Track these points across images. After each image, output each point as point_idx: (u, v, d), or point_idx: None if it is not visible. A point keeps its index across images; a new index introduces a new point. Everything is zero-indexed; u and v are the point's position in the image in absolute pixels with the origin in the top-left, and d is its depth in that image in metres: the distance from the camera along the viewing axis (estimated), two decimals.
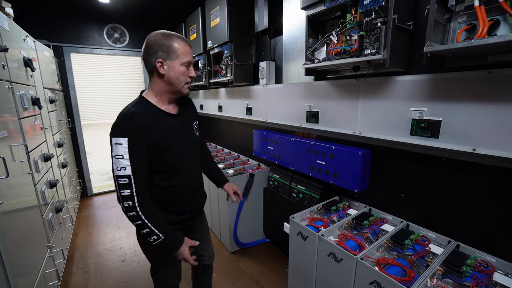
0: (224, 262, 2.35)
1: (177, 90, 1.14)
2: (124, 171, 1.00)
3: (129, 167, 1.00)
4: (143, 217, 1.04)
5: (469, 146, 1.07)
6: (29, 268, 1.41)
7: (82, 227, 3.03)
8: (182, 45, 1.09)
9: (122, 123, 1.02)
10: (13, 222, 1.28)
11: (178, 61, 1.09)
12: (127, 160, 1.00)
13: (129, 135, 1.01)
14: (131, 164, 1.00)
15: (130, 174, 1.01)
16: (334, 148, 1.64)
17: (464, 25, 1.01)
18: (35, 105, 1.87)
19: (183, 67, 1.10)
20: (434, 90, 1.17)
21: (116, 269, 2.29)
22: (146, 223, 1.05)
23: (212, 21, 2.59)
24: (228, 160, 2.98)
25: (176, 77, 1.10)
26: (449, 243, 1.25)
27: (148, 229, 1.05)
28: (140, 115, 1.05)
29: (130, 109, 1.06)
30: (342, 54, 1.40)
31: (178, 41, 1.09)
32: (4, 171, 1.18)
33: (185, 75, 1.12)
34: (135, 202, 1.02)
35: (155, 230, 1.06)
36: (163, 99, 1.15)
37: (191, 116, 1.30)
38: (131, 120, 1.03)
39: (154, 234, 1.06)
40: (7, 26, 1.52)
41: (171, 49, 1.07)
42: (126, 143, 1.00)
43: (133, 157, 1.01)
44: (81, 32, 3.50)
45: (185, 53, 1.10)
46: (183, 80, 1.12)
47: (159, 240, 1.08)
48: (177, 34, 1.11)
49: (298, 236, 1.49)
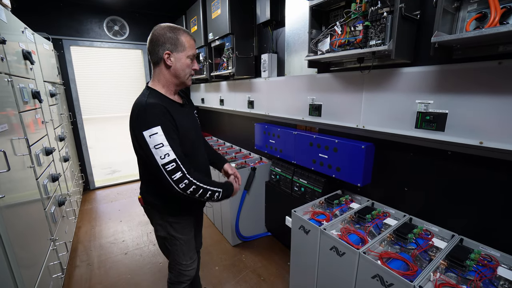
0: (226, 255, 2.37)
1: (182, 82, 1.19)
2: (169, 157, 1.03)
3: (171, 152, 1.03)
4: (202, 184, 1.10)
5: (476, 139, 1.04)
6: (33, 260, 1.42)
7: (85, 221, 3.06)
8: (188, 39, 1.14)
9: (149, 115, 1.04)
10: (16, 216, 1.28)
11: (184, 54, 1.14)
12: (167, 146, 1.03)
13: (161, 122, 1.04)
14: (172, 149, 1.04)
15: (175, 157, 1.04)
16: (337, 142, 1.62)
17: (474, 14, 0.98)
18: (36, 99, 1.85)
19: (188, 60, 1.16)
20: (440, 82, 1.14)
21: (119, 262, 2.31)
22: (207, 188, 1.12)
23: (213, 12, 2.55)
24: (229, 154, 2.97)
25: (182, 69, 1.15)
26: (452, 237, 1.24)
27: (210, 191, 1.13)
28: (159, 103, 1.08)
29: (147, 101, 1.08)
30: (346, 45, 1.37)
31: (185, 34, 1.14)
32: (5, 165, 1.18)
33: (189, 67, 1.17)
34: (190, 178, 1.07)
35: (214, 188, 1.15)
36: (170, 89, 1.20)
37: (192, 105, 1.39)
38: (156, 108, 1.06)
39: (215, 192, 1.16)
40: (4, 17, 1.50)
41: (178, 42, 1.12)
42: (161, 131, 1.03)
43: (171, 142, 1.05)
44: (81, 25, 3.46)
45: (191, 46, 1.15)
46: (188, 72, 1.18)
47: (219, 194, 1.18)
48: (182, 28, 1.16)
49: (300, 229, 1.49)
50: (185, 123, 1.18)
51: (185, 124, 1.17)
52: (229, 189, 1.26)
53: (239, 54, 2.38)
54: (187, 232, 1.34)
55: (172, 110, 1.12)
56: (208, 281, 2.05)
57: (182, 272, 1.37)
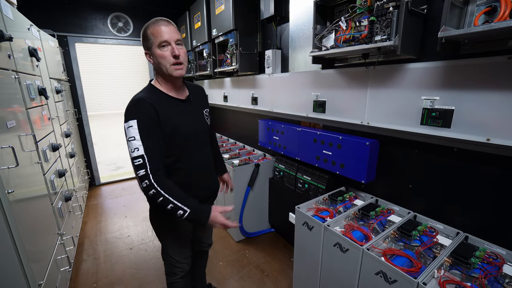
0: (229, 251, 2.39)
1: (168, 75, 1.11)
2: (138, 152, 1.02)
3: (141, 147, 1.02)
4: (163, 192, 1.02)
5: (482, 136, 1.03)
6: (41, 254, 1.45)
7: (91, 216, 3.10)
8: (153, 28, 1.06)
9: (131, 107, 1.06)
10: (25, 210, 1.31)
11: (154, 46, 1.07)
12: (138, 140, 1.02)
13: (138, 117, 1.03)
14: (142, 144, 1.02)
15: (143, 154, 1.02)
16: (341, 138, 1.61)
17: (483, 8, 0.96)
18: (42, 95, 1.87)
19: (160, 50, 1.07)
20: (447, 78, 1.12)
21: (125, 256, 2.35)
22: (168, 198, 1.02)
23: (216, 8, 2.53)
24: (233, 150, 2.98)
25: (158, 62, 1.09)
26: (457, 234, 1.24)
27: (172, 204, 1.03)
28: (148, 99, 1.08)
29: (138, 95, 1.11)
30: (351, 41, 1.35)
31: (152, 25, 1.07)
32: (14, 160, 1.20)
33: (165, 57, 1.07)
34: (151, 179, 1.01)
35: (178, 204, 1.04)
36: (167, 86, 1.17)
37: (201, 103, 1.32)
38: (140, 103, 1.06)
39: (179, 208, 1.04)
40: (11, 14, 1.51)
41: (147, 37, 1.08)
42: (136, 125, 1.02)
43: (144, 137, 1.03)
44: (85, 22, 3.47)
45: (156, 34, 1.06)
46: (166, 63, 1.08)
47: (185, 214, 1.04)
48: (156, 18, 1.09)
49: (304, 226, 1.49)
50: (178, 118, 1.14)
51: (176, 120, 1.13)
52: (203, 215, 1.10)
53: (243, 50, 2.37)
54: (184, 228, 1.33)
55: (163, 105, 1.10)
56: (212, 276, 2.07)
57: (174, 264, 1.37)
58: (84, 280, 2.07)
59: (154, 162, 1.04)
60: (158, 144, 1.08)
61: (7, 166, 1.16)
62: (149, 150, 1.03)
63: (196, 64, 3.39)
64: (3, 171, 1.13)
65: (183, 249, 1.37)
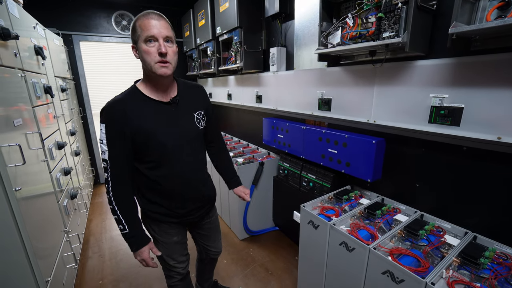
0: (233, 249, 2.39)
1: (152, 72, 1.01)
2: (104, 156, 1.04)
3: (107, 152, 1.03)
4: (114, 203, 1.06)
5: (493, 135, 1.01)
6: (48, 251, 1.46)
7: (96, 213, 3.13)
8: (142, 20, 0.97)
9: (104, 110, 1.04)
10: (32, 208, 1.32)
11: (140, 40, 0.98)
12: (105, 145, 1.03)
13: (107, 122, 1.02)
14: (107, 150, 1.03)
15: (107, 159, 1.04)
16: (347, 137, 1.60)
17: (496, 2, 0.93)
18: (47, 94, 1.88)
19: (145, 45, 0.97)
20: (456, 75, 1.10)
21: (129, 254, 2.36)
22: (116, 210, 1.06)
23: (221, 6, 2.52)
24: (237, 148, 2.98)
25: (142, 58, 1.00)
26: (465, 234, 1.22)
27: (117, 216, 1.07)
28: (122, 103, 1.04)
29: (115, 97, 1.07)
30: (357, 38, 1.34)
31: (141, 17, 0.98)
32: (21, 158, 1.21)
33: (150, 53, 0.97)
34: (109, 186, 1.05)
35: (122, 220, 1.07)
36: (151, 85, 1.08)
37: (193, 105, 1.19)
38: (111, 108, 1.03)
39: (120, 223, 1.07)
40: (17, 13, 1.52)
41: (134, 30, 0.99)
42: (104, 129, 1.02)
43: (110, 144, 1.03)
44: (89, 20, 3.48)
45: (144, 28, 0.96)
46: (150, 60, 0.98)
47: (124, 231, 1.08)
48: (148, 11, 1.00)
49: (309, 224, 1.49)
50: (155, 123, 1.06)
51: (152, 125, 1.05)
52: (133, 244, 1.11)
53: (247, 48, 2.35)
54: (166, 236, 1.26)
55: (138, 111, 1.04)
56: (216, 274, 2.07)
57: (168, 268, 1.34)
58: (90, 277, 2.09)
59: (116, 170, 1.05)
60: (123, 153, 1.05)
61: (15, 164, 1.17)
62: (112, 158, 1.04)
63: (200, 62, 3.39)
64: (11, 169, 1.14)
65: (174, 255, 1.31)
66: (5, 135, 1.15)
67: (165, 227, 1.25)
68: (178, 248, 1.32)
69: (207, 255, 1.54)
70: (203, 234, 1.44)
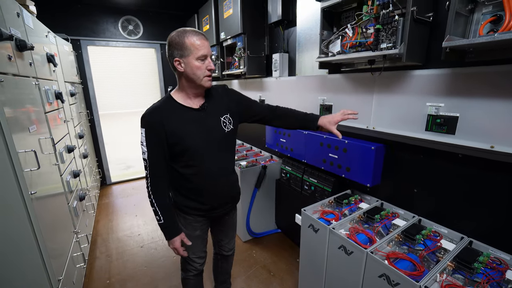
0: (237, 250, 2.42)
1: (198, 85, 1.17)
2: (144, 156, 1.18)
3: (146, 153, 1.17)
4: (152, 196, 1.21)
5: (487, 143, 1.05)
6: (60, 251, 1.53)
7: (103, 214, 3.21)
8: (194, 40, 1.10)
9: (144, 116, 1.18)
10: (45, 210, 1.39)
11: (192, 57, 1.11)
12: (144, 146, 1.17)
13: (146, 127, 1.16)
14: (147, 151, 1.17)
15: (146, 159, 1.18)
16: (347, 142, 1.64)
17: (489, 16, 0.97)
18: (58, 99, 1.96)
19: (198, 62, 1.12)
20: (452, 85, 1.14)
21: (136, 254, 2.43)
22: (153, 202, 1.22)
23: (225, 12, 2.58)
24: (241, 151, 3.03)
25: (192, 72, 1.13)
26: (461, 239, 1.25)
27: (154, 208, 1.22)
28: (159, 110, 1.18)
29: (153, 105, 1.22)
30: (357, 47, 1.38)
31: (191, 36, 1.10)
32: (36, 163, 1.28)
33: (201, 69, 1.13)
34: (149, 182, 1.21)
35: (158, 211, 1.22)
36: (188, 94, 1.21)
37: (219, 109, 1.28)
38: (150, 114, 1.17)
39: (157, 214, 1.23)
40: (31, 23, 1.59)
41: (184, 46, 1.10)
42: (144, 133, 1.16)
43: (148, 145, 1.16)
44: (97, 25, 3.57)
45: (198, 48, 1.10)
46: (200, 74, 1.14)
47: (160, 221, 1.24)
48: (192, 29, 1.12)
49: (309, 228, 1.53)
50: (187, 129, 1.18)
51: (185, 131, 1.18)
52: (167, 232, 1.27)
53: (250, 53, 2.41)
54: (191, 229, 1.38)
55: (172, 117, 1.16)
56: None
57: (187, 261, 1.45)
58: (98, 276, 2.16)
59: (154, 168, 1.20)
60: (159, 154, 1.19)
61: (30, 169, 1.24)
62: (150, 159, 1.18)
63: None
64: (27, 173, 1.21)
65: (194, 249, 1.42)
66: (22, 141, 1.22)
67: (190, 220, 1.37)
68: (200, 243, 1.44)
69: (220, 250, 1.66)
70: (221, 229, 1.58)
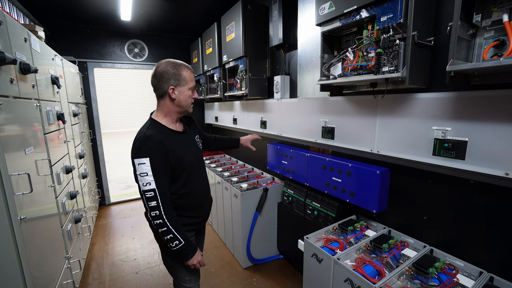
0: (236, 278, 2.31)
1: (185, 110, 1.32)
2: (150, 186, 1.15)
3: (153, 182, 1.15)
4: (168, 223, 1.18)
5: (501, 170, 0.99)
6: (47, 279, 1.44)
7: (99, 236, 3.11)
8: (189, 73, 1.27)
9: (142, 146, 1.16)
10: (34, 235, 1.32)
11: (186, 87, 1.26)
12: (150, 176, 1.15)
13: (150, 155, 1.15)
14: (154, 179, 1.15)
15: (155, 188, 1.15)
16: (351, 166, 1.58)
17: (491, 41, 0.96)
18: (60, 120, 1.96)
19: (190, 91, 1.29)
20: (458, 109, 1.11)
21: (130, 281, 2.31)
22: (170, 229, 1.18)
23: (227, 36, 2.65)
24: (242, 173, 2.97)
25: (184, 100, 1.28)
26: (480, 274, 1.15)
27: (172, 235, 1.19)
28: (156, 136, 1.19)
29: (146, 133, 1.19)
30: (358, 69, 1.37)
31: (186, 69, 1.26)
32: (29, 187, 1.23)
33: (191, 97, 1.31)
34: (161, 211, 1.17)
35: (177, 235, 1.20)
36: (172, 118, 1.31)
37: (194, 131, 1.47)
38: (150, 141, 1.17)
39: (176, 239, 1.20)
40: (38, 48, 1.63)
41: (181, 77, 1.25)
42: (148, 162, 1.14)
43: (155, 173, 1.15)
44: (104, 48, 3.69)
45: (191, 80, 1.29)
46: (190, 102, 1.31)
47: (180, 244, 1.21)
48: (183, 63, 1.28)
49: (313, 258, 1.43)
50: (181, 150, 1.28)
51: (180, 152, 1.27)
52: (190, 251, 1.26)
53: (252, 75, 2.43)
54: None
55: (169, 140, 1.22)
56: None
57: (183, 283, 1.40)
58: None
59: (164, 195, 1.18)
60: (167, 179, 1.22)
61: (22, 192, 1.20)
62: (161, 186, 1.17)
63: (207, 87, 3.50)
64: (18, 197, 1.16)
65: (196, 275, 1.44)
66: (16, 163, 1.19)
67: None
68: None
69: None
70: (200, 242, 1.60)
